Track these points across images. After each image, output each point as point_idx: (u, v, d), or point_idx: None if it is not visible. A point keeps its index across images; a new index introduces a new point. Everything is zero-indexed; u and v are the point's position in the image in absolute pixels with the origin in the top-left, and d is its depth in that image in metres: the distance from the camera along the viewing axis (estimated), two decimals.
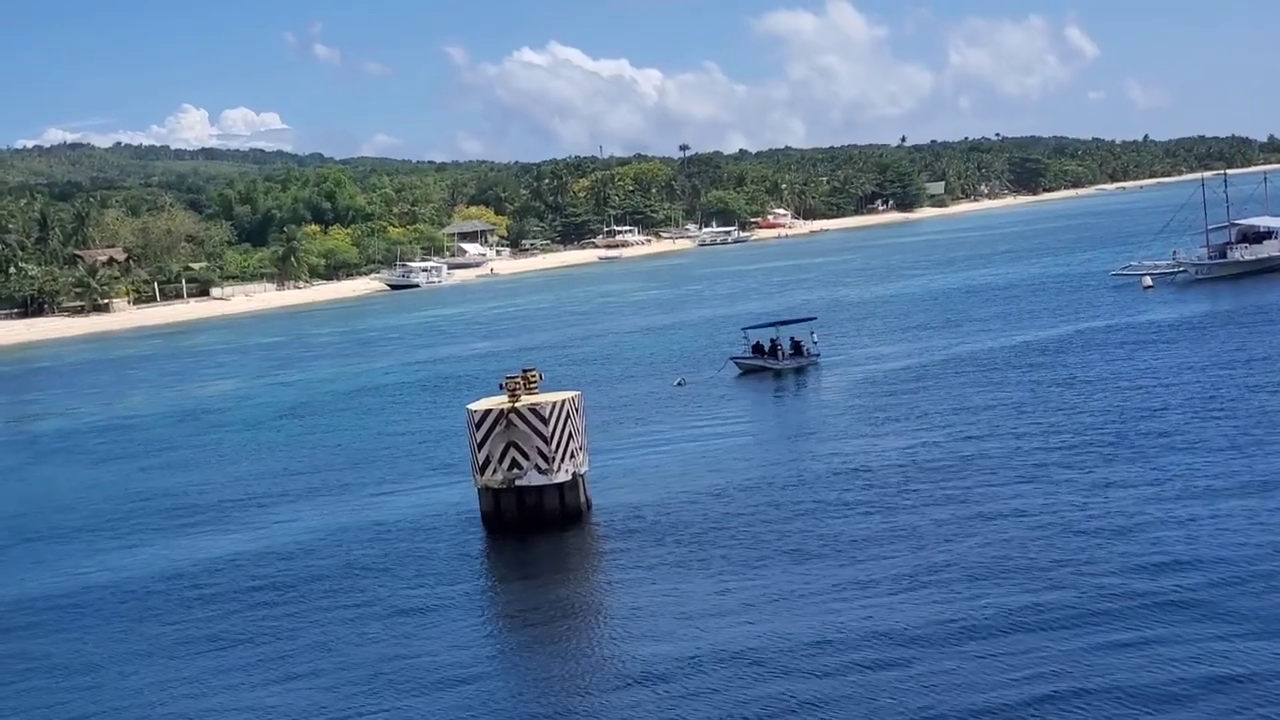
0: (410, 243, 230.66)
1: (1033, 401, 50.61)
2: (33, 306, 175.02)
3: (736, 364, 67.64)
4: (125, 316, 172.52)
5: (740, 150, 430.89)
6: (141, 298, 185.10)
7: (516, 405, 37.70)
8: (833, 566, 31.41)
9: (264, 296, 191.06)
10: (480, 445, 37.80)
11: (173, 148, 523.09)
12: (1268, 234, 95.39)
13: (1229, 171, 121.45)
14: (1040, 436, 43.83)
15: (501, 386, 39.15)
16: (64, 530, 44.98)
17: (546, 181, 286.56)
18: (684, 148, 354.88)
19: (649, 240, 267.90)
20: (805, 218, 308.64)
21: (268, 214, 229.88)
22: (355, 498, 45.18)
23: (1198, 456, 38.80)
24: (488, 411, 37.87)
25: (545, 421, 37.31)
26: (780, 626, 27.62)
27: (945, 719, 22.59)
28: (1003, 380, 56.64)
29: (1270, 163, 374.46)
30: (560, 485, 37.79)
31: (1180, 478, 36.46)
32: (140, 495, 50.01)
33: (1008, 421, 47.07)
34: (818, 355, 67.87)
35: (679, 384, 65.13)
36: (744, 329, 70.88)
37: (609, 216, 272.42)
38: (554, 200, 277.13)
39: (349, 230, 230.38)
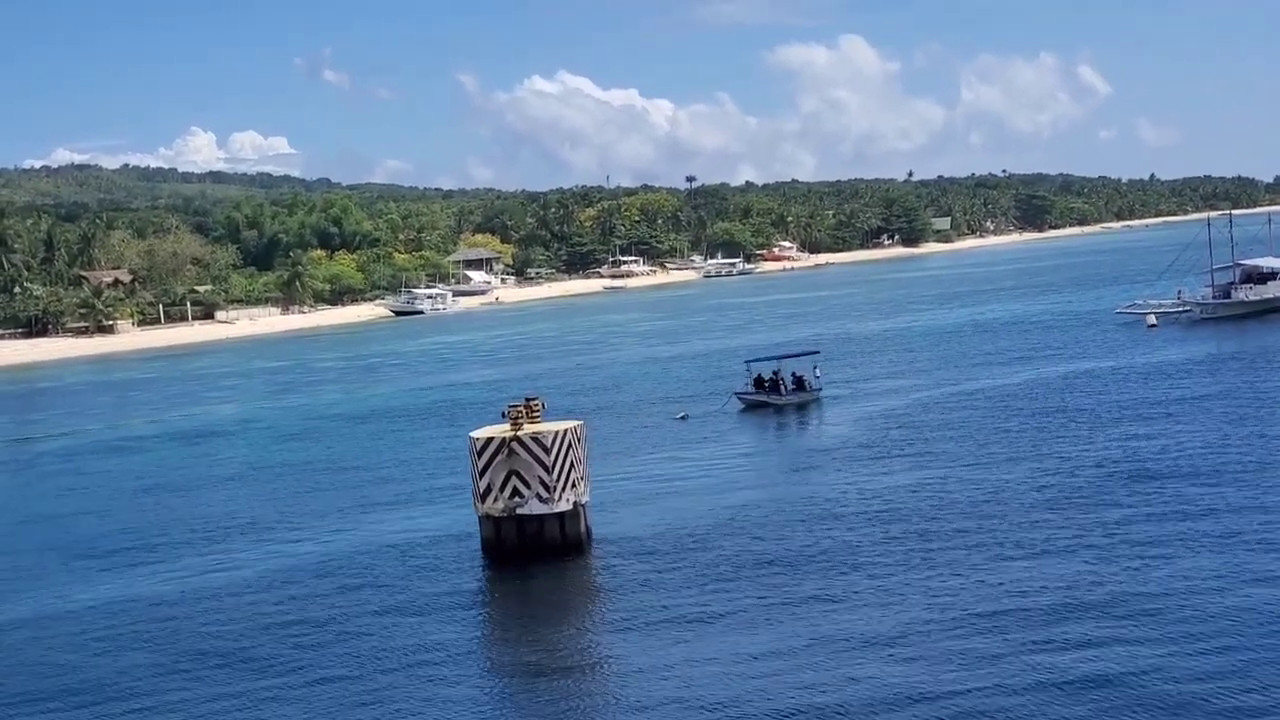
0: (416, 269, 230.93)
1: (1036, 439, 50.54)
2: (37, 326, 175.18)
3: (740, 399, 67.53)
4: (129, 338, 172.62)
5: (747, 182, 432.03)
6: (146, 320, 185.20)
7: (519, 434, 37.69)
8: (829, 602, 31.33)
9: (268, 320, 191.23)
10: (481, 473, 37.77)
11: (180, 170, 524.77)
12: (1272, 275, 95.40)
13: (1235, 212, 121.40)
14: (1044, 475, 43.75)
15: (504, 415, 39.13)
16: (63, 552, 44.91)
17: (553, 210, 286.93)
18: (690, 179, 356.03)
19: (654, 271, 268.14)
20: (811, 251, 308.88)
21: (274, 238, 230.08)
22: (356, 523, 45.13)
23: (1207, 494, 38.84)
24: (490, 439, 37.85)
25: (547, 450, 37.30)
26: (778, 666, 27.57)
27: None
28: (1006, 417, 56.56)
29: (1276, 203, 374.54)
30: (561, 514, 37.73)
31: (1187, 516, 36.46)
32: (137, 518, 49.94)
33: (1012, 459, 47.03)
34: (820, 390, 67.78)
35: (682, 418, 65.07)
36: (747, 361, 70.88)
37: (614, 246, 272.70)
38: (560, 229, 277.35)
39: (355, 256, 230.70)
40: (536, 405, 39.42)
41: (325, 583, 37.24)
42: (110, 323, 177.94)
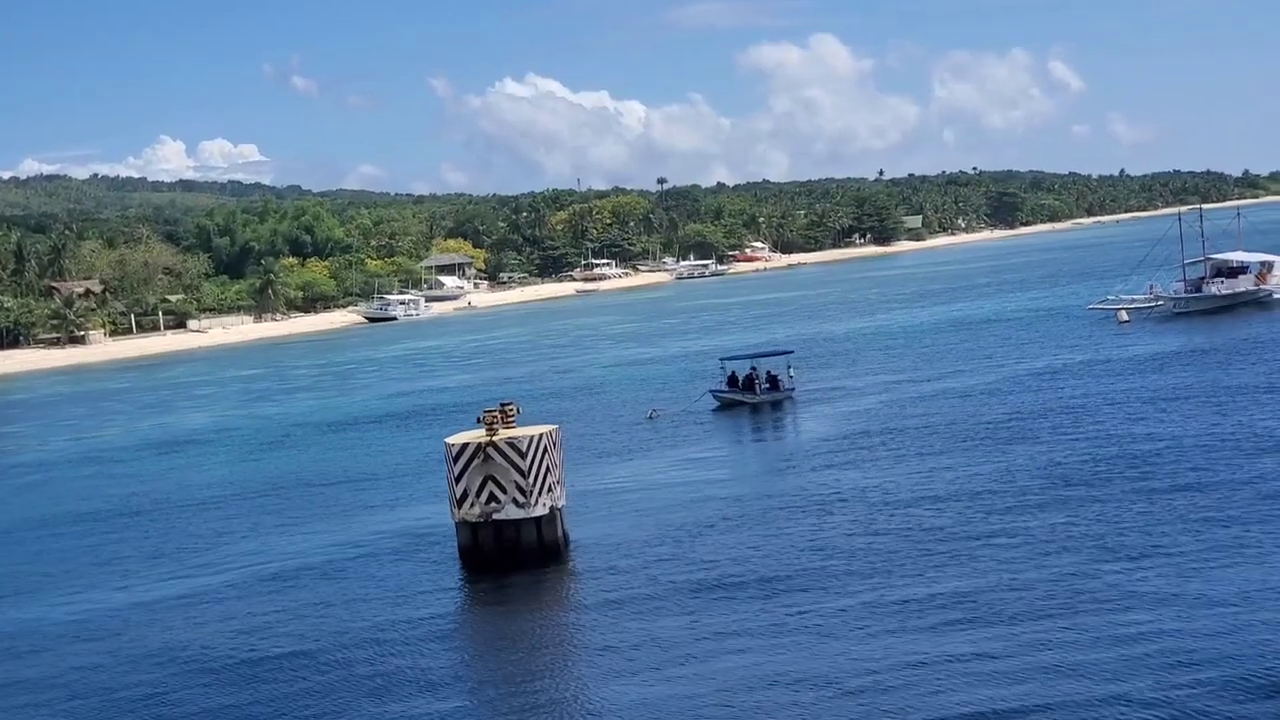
0: (388, 275, 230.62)
1: (1007, 439, 50.67)
2: (8, 339, 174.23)
3: (714, 396, 67.66)
4: (102, 349, 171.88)
5: (718, 183, 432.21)
6: (118, 330, 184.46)
7: (494, 439, 37.65)
8: (810, 602, 31.37)
9: (241, 329, 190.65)
10: (458, 479, 37.71)
11: (150, 179, 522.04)
12: (1242, 269, 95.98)
13: (1205, 206, 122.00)
14: (1014, 477, 43.83)
15: (479, 420, 39.11)
16: (38, 563, 44.73)
17: (524, 214, 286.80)
18: (662, 180, 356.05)
19: (627, 273, 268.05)
20: (783, 251, 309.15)
21: (246, 246, 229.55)
22: (331, 531, 45.01)
23: (1185, 485, 39.07)
24: (465, 445, 37.79)
25: (523, 455, 37.25)
26: (758, 665, 27.60)
27: None
28: (979, 414, 56.69)
29: (1245, 198, 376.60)
30: (538, 519, 37.68)
31: (1156, 508, 36.62)
32: (109, 530, 49.72)
33: (983, 456, 47.17)
34: (793, 389, 67.92)
35: (651, 416, 65.13)
36: (722, 360, 71.06)
37: (587, 249, 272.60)
38: (532, 233, 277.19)
39: (327, 263, 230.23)
40: (511, 410, 39.39)
41: (300, 591, 37.15)
42: (82, 333, 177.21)
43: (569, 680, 28.32)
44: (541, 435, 37.99)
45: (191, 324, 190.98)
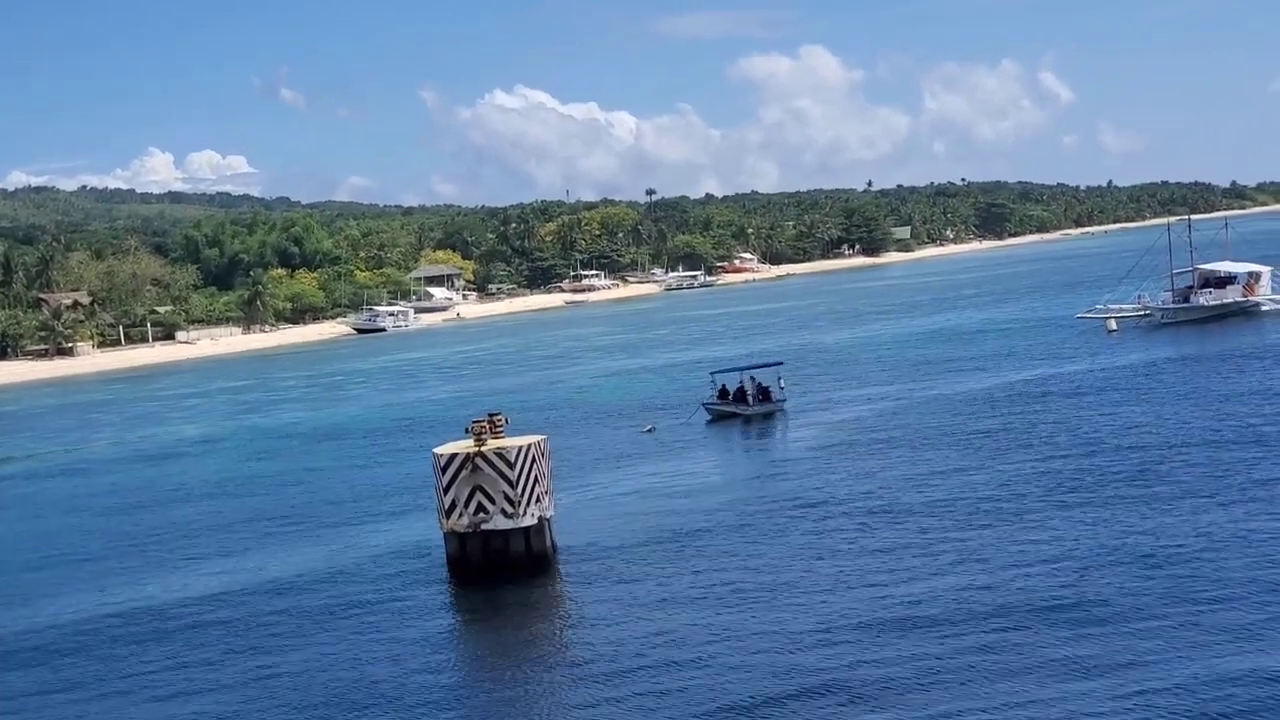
0: (377, 287, 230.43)
1: (999, 446, 50.71)
2: None
3: (707, 410, 67.58)
4: (90, 360, 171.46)
5: (707, 194, 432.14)
6: (106, 341, 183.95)
7: (482, 449, 37.62)
8: (801, 609, 31.36)
9: (230, 340, 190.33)
10: (446, 489, 37.68)
11: (138, 191, 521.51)
12: (1229, 279, 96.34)
13: (1192, 217, 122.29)
14: (1007, 482, 43.89)
15: (467, 430, 39.07)
16: (26, 573, 44.61)
17: (513, 225, 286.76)
18: (650, 192, 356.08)
19: (616, 285, 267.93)
20: (772, 262, 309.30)
21: (234, 257, 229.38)
22: (321, 542, 44.94)
23: (1164, 498, 39.06)
24: (454, 455, 37.76)
25: (511, 465, 37.23)
26: (748, 672, 27.56)
27: None
28: (968, 424, 56.73)
29: (1232, 209, 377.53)
30: (526, 529, 37.67)
31: (1144, 518, 36.65)
32: (96, 542, 49.60)
33: (973, 466, 47.20)
34: (784, 400, 67.87)
35: (649, 430, 64.96)
36: (712, 373, 70.96)
37: (575, 261, 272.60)
38: (521, 244, 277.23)
39: (316, 274, 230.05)
40: (500, 420, 39.38)
41: (289, 601, 37.08)
42: (70, 345, 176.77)
43: (556, 690, 28.24)
44: (530, 446, 38.00)
45: (180, 335, 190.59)
